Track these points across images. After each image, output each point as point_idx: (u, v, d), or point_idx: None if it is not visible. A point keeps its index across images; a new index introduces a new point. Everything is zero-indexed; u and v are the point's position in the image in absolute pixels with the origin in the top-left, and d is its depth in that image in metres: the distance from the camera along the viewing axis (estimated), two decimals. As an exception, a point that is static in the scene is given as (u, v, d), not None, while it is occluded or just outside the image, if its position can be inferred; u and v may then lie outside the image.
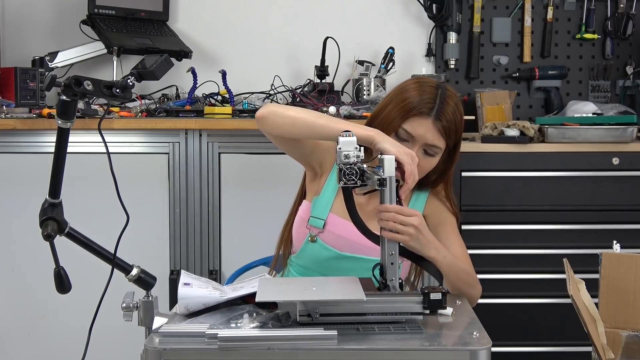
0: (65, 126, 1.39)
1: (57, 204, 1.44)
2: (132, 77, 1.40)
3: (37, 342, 2.71)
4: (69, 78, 1.37)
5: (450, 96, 1.82)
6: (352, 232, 1.68)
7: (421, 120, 1.77)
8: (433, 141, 1.78)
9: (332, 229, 1.84)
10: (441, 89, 1.82)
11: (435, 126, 1.77)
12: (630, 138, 2.73)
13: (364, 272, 1.80)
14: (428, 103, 1.78)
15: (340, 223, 1.83)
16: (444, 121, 1.77)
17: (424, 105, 1.77)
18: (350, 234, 1.79)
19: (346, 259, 1.84)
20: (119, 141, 2.65)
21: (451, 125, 1.79)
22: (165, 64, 1.53)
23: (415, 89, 1.81)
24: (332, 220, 1.84)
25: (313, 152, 1.87)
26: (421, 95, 1.79)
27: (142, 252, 2.41)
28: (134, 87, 1.41)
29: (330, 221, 1.84)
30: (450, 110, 1.79)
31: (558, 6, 3.24)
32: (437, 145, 1.79)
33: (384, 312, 1.40)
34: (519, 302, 2.75)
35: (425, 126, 1.77)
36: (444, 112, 1.78)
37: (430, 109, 1.77)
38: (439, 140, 1.79)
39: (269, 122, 1.78)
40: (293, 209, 1.98)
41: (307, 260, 1.87)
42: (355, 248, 1.82)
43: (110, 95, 1.40)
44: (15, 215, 2.70)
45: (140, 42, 2.97)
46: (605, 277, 1.60)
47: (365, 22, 3.24)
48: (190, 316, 1.45)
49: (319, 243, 1.84)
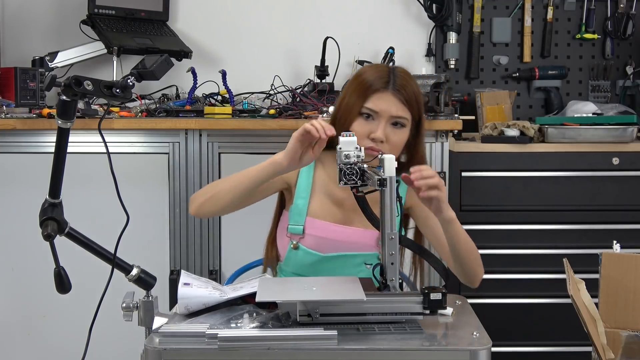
0: (65, 126, 1.39)
1: (57, 204, 1.43)
2: (132, 77, 1.41)
3: (37, 342, 2.71)
4: (69, 78, 1.37)
5: (402, 71, 1.88)
6: (332, 231, 1.77)
7: (381, 95, 1.82)
8: (397, 112, 1.82)
9: (312, 231, 1.86)
10: (393, 67, 1.89)
11: (396, 97, 1.82)
12: (630, 138, 2.73)
13: (352, 268, 1.83)
14: (382, 78, 1.83)
15: (319, 225, 1.86)
16: (403, 91, 1.82)
17: (380, 80, 1.83)
18: (330, 233, 1.84)
19: (331, 259, 1.85)
20: (119, 141, 2.65)
21: (410, 95, 1.83)
22: (165, 64, 1.53)
23: (367, 70, 1.89)
24: (310, 223, 1.86)
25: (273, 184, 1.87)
26: (375, 74, 1.85)
27: (142, 252, 2.41)
28: (134, 87, 1.41)
29: (308, 225, 1.86)
30: (405, 81, 1.84)
31: (558, 6, 3.24)
32: (403, 115, 1.83)
33: (384, 312, 1.41)
34: (519, 302, 2.75)
35: (386, 99, 1.82)
36: (400, 84, 1.83)
37: (387, 83, 1.82)
38: (403, 110, 1.83)
39: (209, 206, 1.80)
40: (273, 223, 2.01)
41: (294, 267, 1.89)
42: (337, 247, 1.84)
43: (110, 95, 1.41)
44: (15, 215, 2.70)
45: (140, 42, 2.96)
46: (605, 277, 1.60)
47: (365, 22, 3.24)
48: (190, 316, 1.45)
49: (302, 249, 1.86)
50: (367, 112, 1.83)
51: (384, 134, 1.81)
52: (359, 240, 1.85)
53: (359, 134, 1.78)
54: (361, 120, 1.83)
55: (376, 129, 1.81)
